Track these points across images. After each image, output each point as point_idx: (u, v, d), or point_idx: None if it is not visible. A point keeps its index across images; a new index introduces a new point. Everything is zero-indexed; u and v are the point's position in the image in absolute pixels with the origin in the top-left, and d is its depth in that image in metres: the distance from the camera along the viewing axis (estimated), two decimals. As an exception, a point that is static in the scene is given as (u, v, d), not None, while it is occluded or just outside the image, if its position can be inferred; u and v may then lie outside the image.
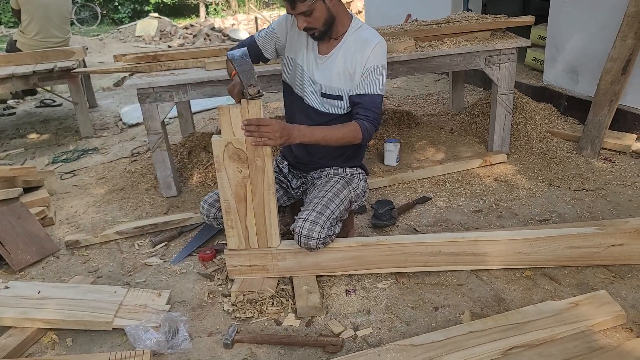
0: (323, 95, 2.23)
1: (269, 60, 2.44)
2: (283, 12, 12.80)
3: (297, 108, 2.36)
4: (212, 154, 2.09)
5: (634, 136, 3.45)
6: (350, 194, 2.31)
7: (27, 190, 3.18)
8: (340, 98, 2.21)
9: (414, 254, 2.23)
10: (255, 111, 1.98)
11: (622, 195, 2.87)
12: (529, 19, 3.37)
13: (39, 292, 2.20)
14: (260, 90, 1.98)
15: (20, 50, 4.95)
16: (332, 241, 2.19)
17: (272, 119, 2.00)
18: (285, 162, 2.49)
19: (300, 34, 2.26)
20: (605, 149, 3.41)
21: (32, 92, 5.90)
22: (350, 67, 2.16)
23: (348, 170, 2.39)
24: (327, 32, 2.16)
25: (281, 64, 2.42)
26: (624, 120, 3.52)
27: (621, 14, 3.29)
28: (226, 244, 2.23)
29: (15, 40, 5.12)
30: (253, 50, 2.37)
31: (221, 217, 2.22)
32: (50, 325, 2.06)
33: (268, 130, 1.95)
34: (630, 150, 3.36)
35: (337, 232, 2.20)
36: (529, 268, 2.25)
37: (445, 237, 2.29)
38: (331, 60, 2.20)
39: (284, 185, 2.47)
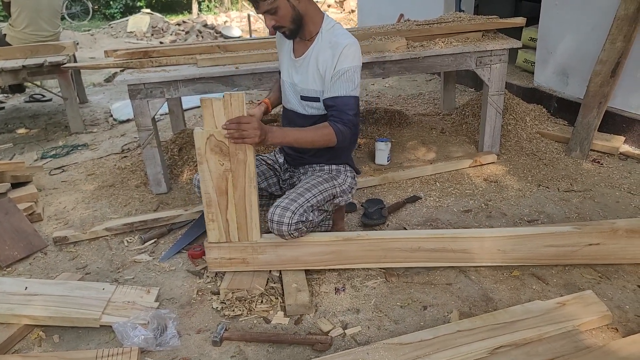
0: (302, 98, 2.24)
1: None
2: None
3: (282, 115, 2.39)
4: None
5: (622, 138, 3.48)
6: (334, 188, 2.29)
7: (15, 185, 3.15)
8: (317, 100, 2.22)
9: (393, 250, 2.24)
10: (237, 105, 1.98)
11: (610, 197, 2.90)
12: (520, 20, 3.38)
13: (26, 288, 2.18)
14: None
15: (9, 45, 4.90)
16: (307, 229, 2.17)
17: (252, 117, 2.01)
18: (282, 153, 2.52)
19: (282, 42, 2.28)
20: (594, 150, 3.44)
21: (20, 88, 5.85)
22: (322, 69, 2.14)
23: (334, 167, 2.39)
24: (298, 30, 2.16)
25: None
26: (612, 123, 3.55)
27: (611, 17, 3.32)
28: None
29: (5, 35, 5.07)
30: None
31: None
32: (37, 322, 2.04)
33: (248, 128, 1.97)
34: (618, 152, 3.39)
35: (314, 220, 2.18)
36: (507, 265, 2.28)
37: (425, 233, 2.31)
38: (305, 62, 2.20)
39: (278, 174, 2.49)
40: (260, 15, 2.13)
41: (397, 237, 2.26)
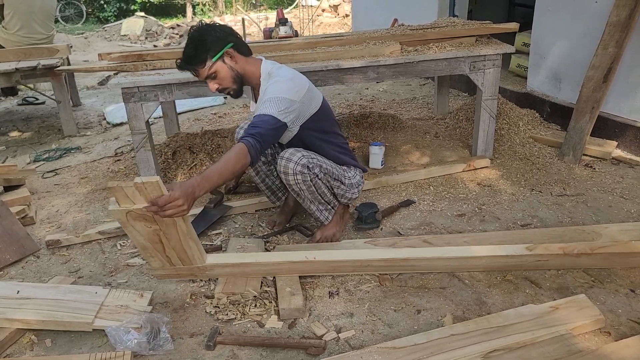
0: None
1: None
2: (270, 13, 12.78)
3: None
4: (197, 155, 2.07)
5: (615, 143, 3.51)
6: (344, 174, 2.51)
7: (8, 188, 3.14)
8: None
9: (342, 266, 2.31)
10: (153, 189, 1.76)
11: (602, 201, 2.91)
12: (513, 25, 3.40)
13: (18, 292, 2.16)
14: None
15: (2, 47, 4.88)
16: (311, 181, 2.32)
17: (172, 193, 1.77)
18: None
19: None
20: (586, 155, 3.46)
21: (13, 91, 5.83)
22: None
23: (345, 166, 2.59)
24: (241, 89, 2.34)
25: None
26: (605, 128, 3.58)
27: (603, 23, 3.35)
28: (211, 244, 2.22)
29: (-2, 37, 5.05)
30: None
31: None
32: (29, 326, 2.03)
33: (173, 207, 1.77)
34: (611, 157, 3.42)
35: (320, 179, 2.36)
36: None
37: (374, 255, 2.32)
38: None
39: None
40: (204, 81, 2.30)
41: (345, 259, 2.31)
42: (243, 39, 2.38)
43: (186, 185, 1.83)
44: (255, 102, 2.46)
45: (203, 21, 2.37)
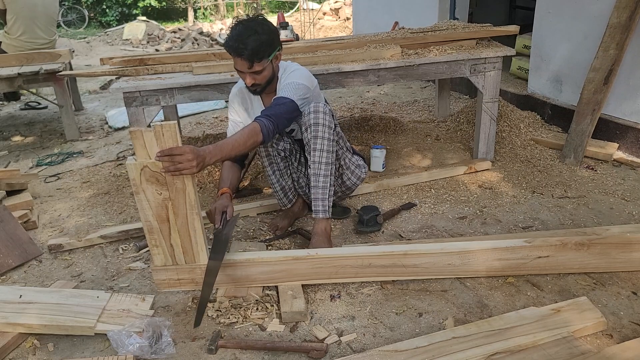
0: None
1: None
2: (272, 17, 12.82)
3: None
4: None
5: (616, 145, 3.51)
6: (353, 161, 2.66)
7: (10, 193, 3.14)
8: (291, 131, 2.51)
9: (344, 267, 2.23)
10: (170, 135, 1.90)
11: (604, 203, 2.91)
12: (513, 28, 3.41)
13: (21, 296, 2.17)
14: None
15: (4, 52, 4.90)
16: (334, 139, 2.39)
17: (185, 146, 1.92)
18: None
19: (247, 100, 2.57)
20: (587, 157, 3.46)
21: (16, 96, 5.85)
22: None
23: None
24: (266, 87, 2.43)
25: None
26: (606, 129, 3.58)
27: (604, 25, 3.35)
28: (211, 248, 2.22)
29: (0, 42, 5.07)
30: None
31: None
32: (32, 330, 2.03)
33: (182, 160, 1.90)
34: (612, 159, 3.42)
35: (338, 143, 2.48)
36: (458, 278, 2.28)
37: (375, 250, 2.27)
38: None
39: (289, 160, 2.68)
40: (238, 69, 2.32)
41: (347, 255, 2.23)
42: None
43: (199, 149, 1.98)
44: (262, 102, 2.55)
45: (261, 15, 2.42)
